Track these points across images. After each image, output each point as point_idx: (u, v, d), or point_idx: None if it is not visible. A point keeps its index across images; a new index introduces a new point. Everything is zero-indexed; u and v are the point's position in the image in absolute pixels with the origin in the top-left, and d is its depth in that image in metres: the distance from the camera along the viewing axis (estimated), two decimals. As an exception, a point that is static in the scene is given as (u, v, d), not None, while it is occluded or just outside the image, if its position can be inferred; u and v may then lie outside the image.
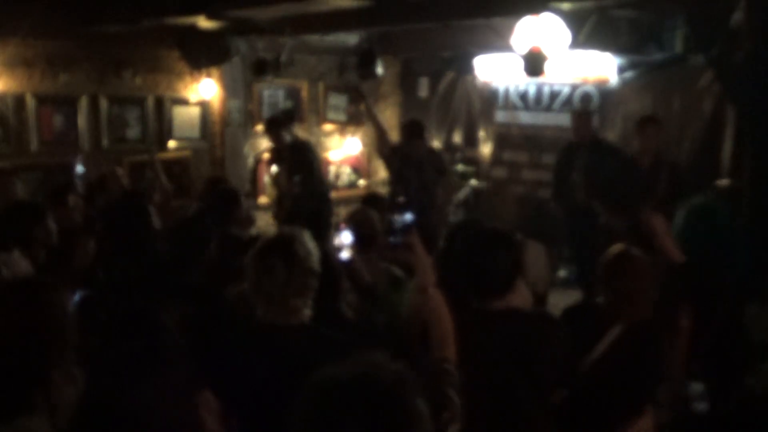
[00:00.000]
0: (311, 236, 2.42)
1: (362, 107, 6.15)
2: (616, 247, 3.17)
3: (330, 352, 1.41)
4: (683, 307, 3.32)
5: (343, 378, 1.27)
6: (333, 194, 7.26)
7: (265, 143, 7.16)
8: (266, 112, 7.75)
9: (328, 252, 3.02)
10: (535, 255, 3.73)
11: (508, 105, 7.69)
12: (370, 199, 4.80)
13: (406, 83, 8.95)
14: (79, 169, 4.91)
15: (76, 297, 2.82)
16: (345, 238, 3.10)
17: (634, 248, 3.12)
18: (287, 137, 6.47)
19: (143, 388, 1.68)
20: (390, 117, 8.93)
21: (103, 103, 6.70)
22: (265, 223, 7.59)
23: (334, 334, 2.32)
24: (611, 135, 6.62)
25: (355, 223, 3.59)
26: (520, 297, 2.96)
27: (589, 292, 6.19)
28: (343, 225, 3.16)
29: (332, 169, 8.44)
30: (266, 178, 7.35)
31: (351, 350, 1.36)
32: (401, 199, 2.97)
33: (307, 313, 2.34)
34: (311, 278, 2.31)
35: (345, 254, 3.08)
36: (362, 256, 3.50)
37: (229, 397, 2.19)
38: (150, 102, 7.06)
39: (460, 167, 7.82)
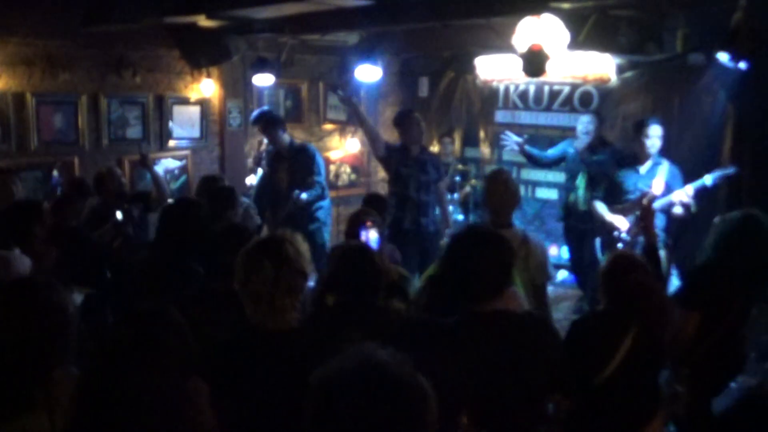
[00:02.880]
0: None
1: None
2: (617, 255, 3.17)
3: (321, 354, 1.42)
4: (692, 311, 3.31)
5: (348, 367, 1.30)
6: (333, 194, 7.26)
7: (265, 143, 7.14)
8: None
9: (370, 250, 3.04)
10: (533, 249, 3.75)
11: (508, 105, 7.69)
12: (371, 198, 4.80)
13: (406, 83, 8.95)
14: (55, 176, 4.91)
15: (78, 297, 2.82)
16: (372, 235, 3.12)
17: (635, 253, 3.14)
18: (285, 138, 6.46)
19: (137, 375, 1.68)
20: (390, 117, 8.91)
21: (103, 103, 6.70)
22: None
23: (323, 338, 2.32)
24: (611, 135, 6.62)
25: (357, 224, 3.59)
26: (515, 302, 2.97)
27: (587, 294, 6.23)
28: (369, 223, 3.17)
29: (332, 168, 8.44)
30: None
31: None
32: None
33: (296, 315, 2.34)
34: (300, 279, 2.31)
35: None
36: None
37: (223, 399, 2.19)
38: (150, 101, 7.06)
39: (459, 167, 7.82)
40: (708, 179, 4.94)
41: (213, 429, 2.00)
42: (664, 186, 5.17)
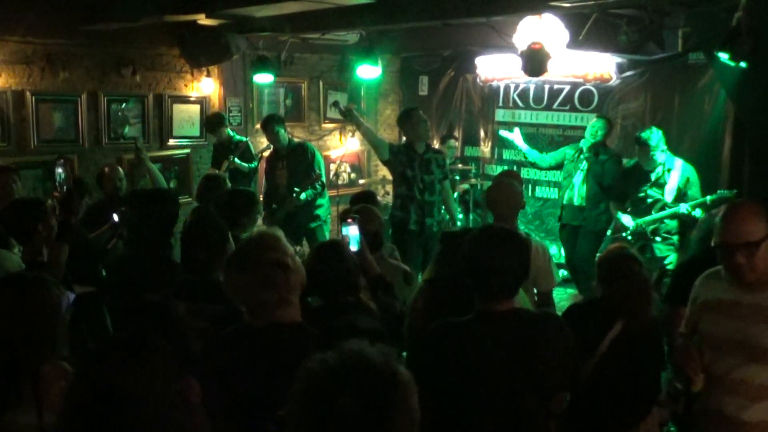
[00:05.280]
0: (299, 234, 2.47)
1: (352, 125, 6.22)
2: (614, 247, 3.17)
3: (314, 347, 1.44)
4: (678, 306, 3.31)
5: (332, 361, 1.35)
6: (333, 193, 7.26)
7: (266, 141, 7.16)
8: (266, 110, 7.75)
9: (339, 244, 3.05)
10: (536, 253, 3.72)
11: (508, 104, 7.69)
12: (360, 196, 4.79)
13: (406, 81, 8.95)
14: (59, 172, 4.86)
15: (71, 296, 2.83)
16: (352, 231, 3.10)
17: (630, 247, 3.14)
18: (285, 136, 6.46)
19: (130, 374, 1.69)
20: (390, 116, 8.94)
21: (103, 101, 6.70)
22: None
23: (317, 330, 2.32)
24: (611, 135, 6.60)
25: (361, 221, 3.59)
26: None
27: (583, 291, 6.24)
28: (349, 219, 3.15)
29: (332, 167, 8.44)
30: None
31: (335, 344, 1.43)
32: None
33: (291, 310, 2.34)
34: (281, 273, 2.31)
35: (353, 247, 3.08)
36: (372, 254, 3.51)
37: (221, 394, 2.21)
38: (150, 100, 7.06)
39: (460, 166, 7.82)
40: (708, 199, 5.11)
41: (205, 428, 2.00)
42: (676, 191, 5.23)
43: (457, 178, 7.60)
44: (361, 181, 8.61)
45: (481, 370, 2.39)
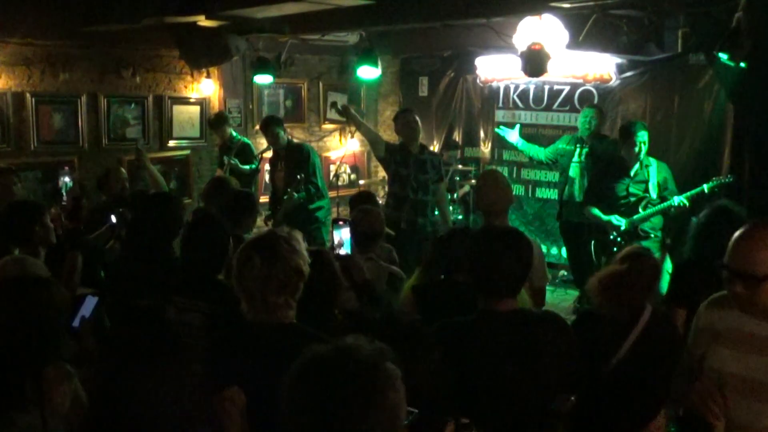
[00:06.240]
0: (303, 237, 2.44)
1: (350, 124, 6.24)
2: (628, 248, 3.17)
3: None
4: (678, 308, 3.31)
5: (323, 353, 1.42)
6: (333, 194, 7.26)
7: (265, 142, 7.16)
8: (266, 112, 7.75)
9: (327, 255, 3.02)
10: None
11: (508, 104, 7.69)
12: (363, 197, 4.79)
13: (406, 82, 8.95)
14: (66, 180, 4.82)
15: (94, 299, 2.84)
16: (344, 234, 3.09)
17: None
18: (284, 137, 6.46)
19: (147, 379, 1.69)
20: (390, 117, 8.91)
21: (103, 102, 6.70)
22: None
23: (317, 332, 2.32)
24: (611, 135, 6.61)
25: (361, 222, 3.58)
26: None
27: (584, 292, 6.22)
28: (341, 222, 3.15)
29: (332, 168, 8.44)
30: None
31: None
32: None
33: (291, 313, 2.33)
34: (295, 277, 2.30)
35: (343, 251, 3.07)
36: (364, 255, 3.50)
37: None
38: (150, 101, 7.06)
39: (460, 167, 7.81)
40: (705, 187, 5.03)
41: None
42: (657, 187, 5.23)
43: (457, 179, 7.60)
44: (361, 182, 8.60)
45: (483, 370, 2.39)
